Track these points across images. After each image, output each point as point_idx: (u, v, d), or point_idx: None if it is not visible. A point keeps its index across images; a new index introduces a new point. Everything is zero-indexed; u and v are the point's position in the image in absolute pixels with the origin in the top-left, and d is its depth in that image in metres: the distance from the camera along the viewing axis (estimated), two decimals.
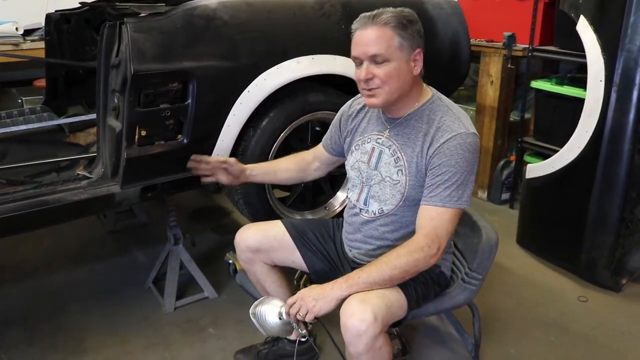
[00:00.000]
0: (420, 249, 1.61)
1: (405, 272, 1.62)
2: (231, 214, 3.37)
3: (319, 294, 1.60)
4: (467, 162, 1.63)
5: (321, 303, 1.58)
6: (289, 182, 2.25)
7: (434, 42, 2.70)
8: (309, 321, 1.60)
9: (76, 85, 3.24)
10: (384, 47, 1.62)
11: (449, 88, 3.03)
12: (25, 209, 2.05)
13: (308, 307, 1.58)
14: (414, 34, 1.65)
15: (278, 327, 1.67)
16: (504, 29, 3.29)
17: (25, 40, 3.78)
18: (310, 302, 1.59)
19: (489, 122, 3.53)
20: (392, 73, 1.65)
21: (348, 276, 1.63)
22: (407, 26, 1.63)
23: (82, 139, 2.84)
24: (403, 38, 1.63)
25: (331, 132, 2.00)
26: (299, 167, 2.10)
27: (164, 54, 2.02)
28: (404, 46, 1.63)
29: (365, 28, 1.64)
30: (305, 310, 1.59)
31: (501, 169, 3.54)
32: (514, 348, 2.27)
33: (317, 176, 2.16)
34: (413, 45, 1.65)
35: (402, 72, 1.66)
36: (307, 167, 2.10)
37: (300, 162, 2.11)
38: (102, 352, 2.22)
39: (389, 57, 1.63)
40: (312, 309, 1.58)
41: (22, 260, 2.85)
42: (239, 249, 1.99)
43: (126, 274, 2.76)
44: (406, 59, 1.65)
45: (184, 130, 2.16)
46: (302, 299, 1.60)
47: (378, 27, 1.62)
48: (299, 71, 2.29)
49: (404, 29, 1.63)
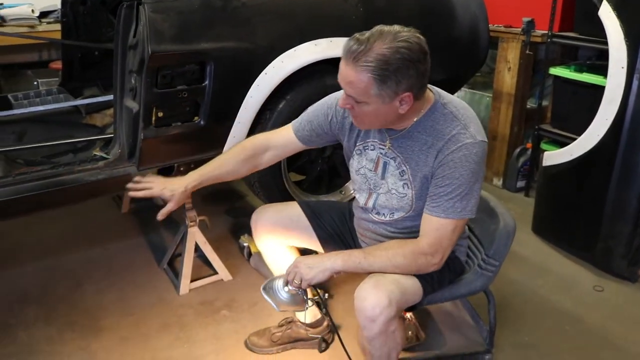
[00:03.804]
0: (424, 255, 1.60)
1: (404, 272, 1.62)
2: (246, 197, 3.37)
3: (313, 263, 1.62)
4: (472, 173, 1.56)
5: (314, 272, 1.60)
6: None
7: (453, 26, 2.67)
8: (304, 288, 1.63)
9: (92, 67, 3.26)
10: (359, 93, 1.49)
11: (467, 74, 3.01)
12: (42, 188, 2.08)
13: (302, 274, 1.60)
14: (402, 80, 1.46)
15: (288, 298, 1.68)
16: (522, 15, 3.23)
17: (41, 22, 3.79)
18: (304, 269, 1.61)
19: (505, 109, 3.50)
20: (369, 113, 1.54)
21: (349, 254, 1.63)
22: (389, 77, 1.44)
23: (99, 120, 2.85)
24: (382, 89, 1.46)
25: (312, 124, 1.81)
26: (249, 166, 1.88)
27: (182, 34, 2.01)
28: (383, 95, 1.48)
29: (346, 64, 1.48)
30: (299, 278, 1.61)
31: (517, 156, 3.50)
32: (528, 336, 2.26)
33: (267, 166, 1.95)
34: (398, 91, 1.47)
35: (381, 113, 1.53)
36: (258, 162, 1.89)
37: (251, 160, 1.87)
38: (117, 331, 2.23)
39: (366, 100, 1.50)
40: (305, 277, 1.60)
41: (38, 240, 2.87)
42: (255, 230, 1.98)
43: (141, 255, 2.77)
44: (388, 103, 1.50)
45: (200, 112, 2.16)
46: (297, 267, 1.62)
47: (356, 70, 1.46)
48: (316, 54, 2.28)
49: (384, 81, 1.45)
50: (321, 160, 2.70)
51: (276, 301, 1.68)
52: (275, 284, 1.70)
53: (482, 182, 1.63)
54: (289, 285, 1.66)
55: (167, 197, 1.80)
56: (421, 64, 1.48)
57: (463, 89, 3.60)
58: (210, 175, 1.86)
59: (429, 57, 1.49)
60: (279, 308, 1.69)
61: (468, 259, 1.92)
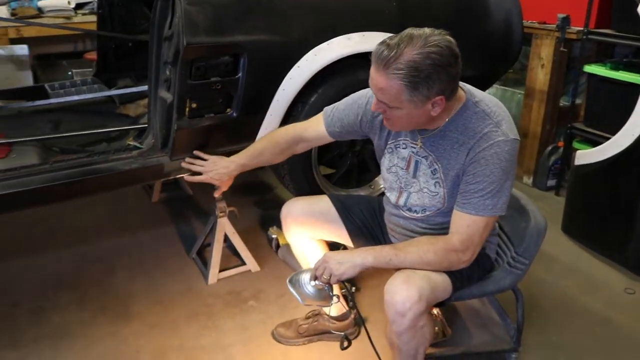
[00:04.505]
0: (455, 252, 1.60)
1: (435, 269, 1.62)
2: (275, 189, 3.39)
3: (343, 258, 1.62)
4: (503, 170, 1.55)
5: (344, 267, 1.60)
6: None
7: (486, 22, 2.65)
8: (333, 284, 1.63)
9: (125, 58, 3.30)
10: (391, 99, 1.50)
11: (499, 71, 2.98)
12: (77, 176, 2.12)
13: (332, 269, 1.60)
14: (434, 85, 1.46)
15: (313, 293, 1.68)
16: (557, 11, 3.18)
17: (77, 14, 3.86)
18: (334, 265, 1.61)
19: (537, 106, 3.45)
20: (402, 117, 1.55)
21: (380, 250, 1.63)
22: (421, 83, 1.44)
23: (132, 111, 2.89)
24: (413, 95, 1.47)
25: (342, 121, 1.84)
26: (285, 155, 2.02)
27: (217, 27, 2.03)
28: (415, 100, 1.48)
29: (377, 70, 1.48)
30: (329, 273, 1.61)
31: (548, 154, 3.46)
32: (556, 336, 2.24)
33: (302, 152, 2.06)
34: (430, 95, 1.48)
35: (413, 117, 1.54)
36: (292, 151, 2.00)
37: (286, 150, 1.99)
38: (147, 318, 2.28)
39: (398, 106, 1.51)
40: (334, 272, 1.60)
41: (73, 226, 2.94)
42: (285, 222, 2.00)
43: (171, 244, 2.81)
44: (420, 108, 1.51)
45: (233, 103, 2.18)
46: (327, 262, 1.63)
47: (387, 77, 1.46)
48: (349, 47, 2.28)
49: (415, 88, 1.45)
50: (351, 154, 2.70)
51: (302, 295, 1.68)
52: (301, 278, 1.71)
53: (514, 179, 1.62)
54: (316, 280, 1.66)
55: (217, 183, 2.12)
56: (452, 67, 1.47)
57: (494, 85, 3.56)
58: (251, 161, 2.05)
59: (460, 60, 1.48)
60: (304, 302, 1.69)
61: (497, 256, 1.91)
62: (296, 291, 1.69)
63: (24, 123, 2.72)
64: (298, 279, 1.72)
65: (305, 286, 1.70)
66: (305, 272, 1.73)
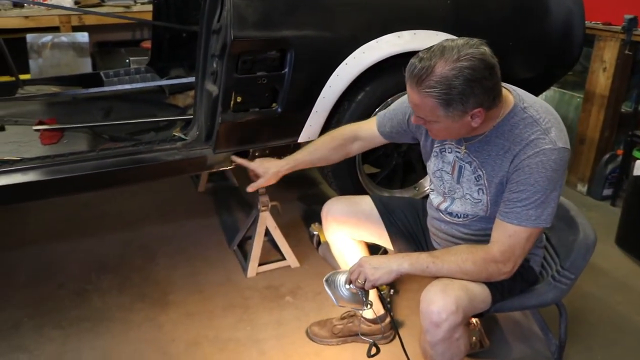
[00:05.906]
0: (495, 263, 1.54)
1: (473, 279, 1.57)
2: (319, 185, 3.38)
3: (379, 264, 1.59)
4: (548, 180, 1.48)
5: (380, 273, 1.57)
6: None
7: (545, 21, 2.54)
8: (368, 289, 1.60)
9: (179, 48, 3.35)
10: (427, 115, 1.48)
11: (557, 73, 2.87)
12: (122, 165, 2.16)
13: (367, 274, 1.58)
14: (469, 100, 1.41)
15: (348, 296, 1.66)
16: (624, 11, 3.03)
17: (136, 3, 3.95)
18: (369, 270, 1.58)
19: (597, 111, 3.30)
20: (442, 130, 1.53)
21: (417, 257, 1.59)
22: (454, 99, 1.40)
23: (181, 101, 2.93)
24: (448, 111, 1.44)
25: (392, 121, 1.84)
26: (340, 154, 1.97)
27: (264, 21, 2.02)
28: (451, 115, 1.45)
29: (410, 86, 1.46)
30: (363, 278, 1.58)
31: (606, 162, 3.30)
32: (602, 354, 2.14)
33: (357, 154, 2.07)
34: (467, 110, 1.43)
35: (453, 129, 1.51)
36: (347, 150, 1.96)
37: (341, 149, 1.95)
38: (184, 306, 2.31)
39: (436, 120, 1.48)
40: (369, 278, 1.57)
41: (119, 212, 3.01)
42: (325, 221, 1.98)
43: (213, 234, 2.84)
44: (458, 121, 1.47)
45: (279, 99, 2.17)
46: (362, 266, 1.60)
47: (420, 95, 1.44)
48: (399, 46, 2.23)
49: (449, 104, 1.42)
50: (397, 154, 2.65)
51: (336, 296, 1.67)
52: (337, 279, 1.69)
53: (562, 190, 1.55)
54: (351, 284, 1.64)
55: (260, 173, 1.99)
56: (487, 80, 1.42)
57: (551, 87, 3.42)
58: (303, 160, 1.97)
59: (496, 69, 1.43)
60: (338, 303, 1.67)
61: (542, 268, 1.83)
62: (331, 292, 1.68)
63: (77, 109, 2.80)
64: (334, 279, 1.71)
65: (340, 288, 1.68)
66: (342, 274, 1.71)
